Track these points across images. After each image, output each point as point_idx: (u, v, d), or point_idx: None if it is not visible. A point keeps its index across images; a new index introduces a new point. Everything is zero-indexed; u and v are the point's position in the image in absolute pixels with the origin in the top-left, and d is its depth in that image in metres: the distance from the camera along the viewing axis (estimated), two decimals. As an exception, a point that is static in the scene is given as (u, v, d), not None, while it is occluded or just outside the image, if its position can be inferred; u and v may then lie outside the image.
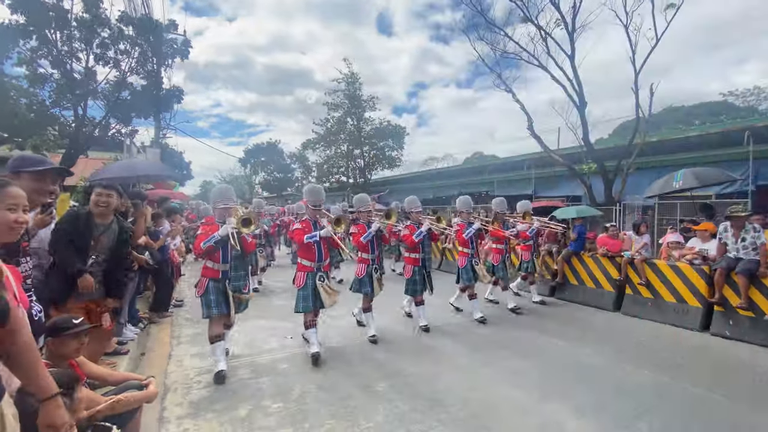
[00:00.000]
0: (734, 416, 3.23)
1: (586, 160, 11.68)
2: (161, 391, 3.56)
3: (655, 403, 3.41)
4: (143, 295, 6.11)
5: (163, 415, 3.21)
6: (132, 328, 4.81)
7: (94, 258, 3.26)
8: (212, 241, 3.67)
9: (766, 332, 4.90)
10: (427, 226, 5.22)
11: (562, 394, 3.55)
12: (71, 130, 12.81)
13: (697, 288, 5.64)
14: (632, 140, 10.46)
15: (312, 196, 4.50)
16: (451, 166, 26.02)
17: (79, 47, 12.23)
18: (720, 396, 3.56)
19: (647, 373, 4.03)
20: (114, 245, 3.35)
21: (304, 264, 4.33)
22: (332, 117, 25.26)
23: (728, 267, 5.26)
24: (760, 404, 3.43)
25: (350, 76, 24.09)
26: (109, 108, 13.07)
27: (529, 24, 11.23)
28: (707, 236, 5.98)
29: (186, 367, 4.15)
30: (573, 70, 10.82)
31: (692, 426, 3.06)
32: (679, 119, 21.72)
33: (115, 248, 3.37)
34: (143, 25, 12.89)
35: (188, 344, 4.85)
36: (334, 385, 3.75)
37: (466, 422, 3.08)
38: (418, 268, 5.37)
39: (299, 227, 4.36)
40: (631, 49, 10.15)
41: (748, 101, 24.47)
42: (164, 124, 16.28)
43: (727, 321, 5.28)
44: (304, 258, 4.35)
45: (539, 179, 15.07)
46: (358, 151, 25.28)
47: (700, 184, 7.44)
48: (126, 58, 12.87)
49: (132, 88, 13.58)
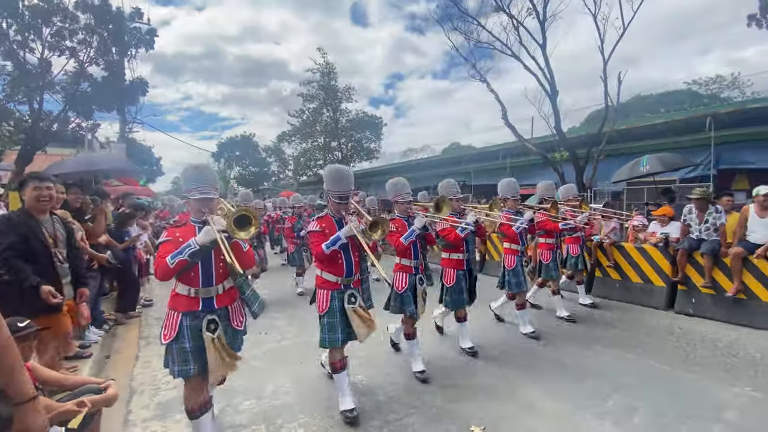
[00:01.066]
0: (698, 390, 3.36)
1: (558, 148, 11.92)
2: (126, 394, 3.44)
3: (623, 381, 3.51)
4: (108, 296, 5.86)
5: (128, 419, 3.09)
6: (95, 330, 4.60)
7: (60, 257, 3.09)
8: (186, 253, 2.27)
9: (727, 309, 5.14)
10: (473, 218, 4.00)
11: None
12: (27, 125, 12.10)
13: (661, 268, 5.85)
14: (602, 128, 10.73)
15: (335, 184, 3.07)
16: (430, 156, 26.13)
17: (32, 37, 11.49)
18: (683, 371, 3.71)
19: (616, 351, 4.16)
20: (67, 237, 3.18)
21: (327, 279, 3.08)
22: (308, 108, 24.90)
23: (690, 247, 5.46)
24: (721, 377, 3.59)
25: (325, 66, 23.73)
26: (67, 101, 12.39)
27: (502, 13, 11.31)
28: (666, 220, 6.21)
29: (154, 368, 4.00)
30: (545, 60, 10.96)
31: (660, 401, 3.17)
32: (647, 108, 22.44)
33: (69, 239, 3.21)
34: (102, 12, 12.22)
35: (157, 344, 4.63)
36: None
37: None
38: (462, 273, 4.12)
39: (316, 228, 3.04)
40: (600, 38, 10.35)
41: (711, 89, 25.50)
42: (129, 118, 15.64)
43: (690, 299, 5.50)
44: (326, 271, 3.09)
45: (514, 168, 15.32)
46: (335, 144, 25.05)
47: (665, 169, 7.75)
48: (84, 47, 12.19)
49: (92, 79, 12.90)
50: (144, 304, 6.24)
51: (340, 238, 2.94)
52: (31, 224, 2.98)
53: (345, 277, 3.07)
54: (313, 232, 3.06)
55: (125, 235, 5.55)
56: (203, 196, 2.43)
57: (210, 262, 2.45)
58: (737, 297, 5.02)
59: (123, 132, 15.36)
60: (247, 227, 2.33)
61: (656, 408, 3.07)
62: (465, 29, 12.30)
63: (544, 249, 5.29)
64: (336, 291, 3.07)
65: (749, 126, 9.57)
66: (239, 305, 2.61)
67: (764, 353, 4.08)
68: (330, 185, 3.10)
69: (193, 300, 2.42)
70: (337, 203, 3.09)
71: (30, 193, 3.02)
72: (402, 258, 3.73)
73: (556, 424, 2.89)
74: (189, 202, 2.53)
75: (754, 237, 5.06)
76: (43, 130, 12.24)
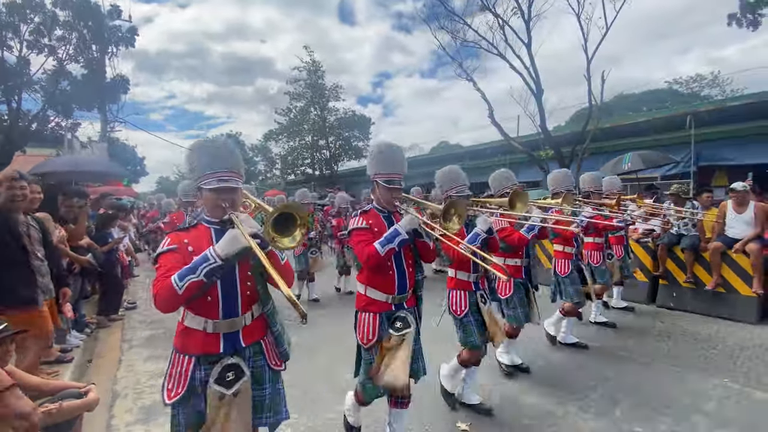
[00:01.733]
0: (678, 382, 3.44)
1: (543, 146, 12.09)
2: (109, 398, 3.37)
3: (606, 374, 3.58)
4: (90, 299, 5.74)
5: (111, 423, 3.03)
6: (77, 334, 4.51)
7: (38, 257, 3.01)
8: (202, 270, 1.50)
9: (707, 302, 5.28)
10: (538, 215, 3.30)
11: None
12: (6, 125, 11.76)
13: (643, 263, 5.98)
14: (586, 126, 10.91)
15: (386, 165, 2.32)
16: (419, 155, 26.20)
17: (9, 35, 11.17)
18: (664, 364, 3.80)
19: (597, 345, 4.24)
20: (42, 237, 3.11)
21: (374, 298, 2.31)
22: (295, 107, 24.71)
23: (670, 242, 5.60)
24: (701, 369, 3.69)
25: (312, 64, 23.58)
26: (46, 99, 12.08)
27: (488, 13, 11.41)
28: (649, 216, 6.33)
29: (138, 372, 3.93)
30: (530, 59, 11.11)
31: (641, 393, 3.24)
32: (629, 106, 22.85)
33: (44, 239, 3.14)
34: (81, 8, 11.93)
35: (141, 347, 4.60)
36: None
37: None
38: (521, 282, 3.42)
39: (361, 225, 2.30)
40: (584, 38, 10.55)
41: (691, 88, 26.09)
42: (111, 116, 15.29)
43: (671, 293, 5.63)
44: (371, 285, 2.32)
45: (500, 167, 15.39)
46: (323, 142, 24.93)
47: (646, 166, 7.92)
48: (63, 44, 11.91)
49: (72, 77, 12.60)
50: (127, 307, 6.13)
51: (399, 232, 2.18)
52: (7, 223, 2.93)
53: (398, 294, 2.30)
54: (358, 230, 2.29)
55: (107, 236, 5.44)
56: (223, 185, 1.65)
57: (233, 280, 1.67)
58: (716, 291, 5.16)
59: (104, 131, 15.02)
60: (290, 231, 1.57)
61: (637, 400, 3.14)
62: (451, 28, 12.44)
63: (593, 249, 4.52)
64: (384, 316, 2.29)
65: (728, 123, 9.83)
66: (272, 338, 1.81)
67: (742, 345, 4.20)
68: (378, 167, 2.33)
69: (210, 338, 1.64)
70: (389, 189, 2.30)
71: (5, 193, 2.94)
72: (458, 271, 2.89)
73: (539, 418, 2.93)
74: (201, 195, 1.75)
75: (732, 232, 5.21)
76: (21, 130, 11.92)
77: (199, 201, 1.90)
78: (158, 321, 5.35)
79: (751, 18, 11.63)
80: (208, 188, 1.66)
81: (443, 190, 3.02)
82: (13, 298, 2.85)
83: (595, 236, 4.50)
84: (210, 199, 1.69)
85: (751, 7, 11.41)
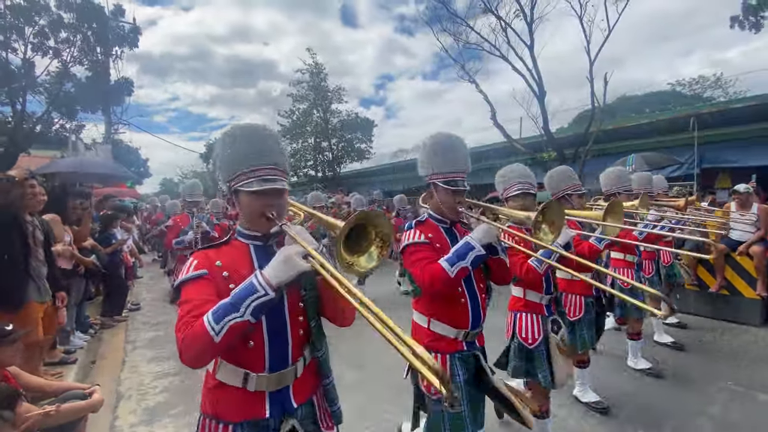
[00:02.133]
0: (683, 385, 3.43)
1: (546, 148, 12.07)
2: (113, 399, 3.38)
3: (610, 378, 3.56)
4: (93, 301, 5.77)
5: (114, 424, 3.05)
6: (81, 335, 4.53)
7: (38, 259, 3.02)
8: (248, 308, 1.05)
9: (711, 304, 5.25)
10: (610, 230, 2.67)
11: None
12: (10, 127, 11.84)
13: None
14: (588, 128, 10.90)
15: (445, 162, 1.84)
16: (419, 156, 26.14)
17: (14, 37, 11.26)
18: (669, 366, 3.77)
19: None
20: (45, 240, 3.11)
21: (440, 334, 1.81)
22: (297, 109, 24.76)
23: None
24: (706, 372, 3.66)
25: (314, 66, 23.63)
26: (50, 101, 12.16)
27: (490, 15, 11.42)
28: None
29: (142, 373, 3.94)
30: (532, 61, 11.09)
31: (646, 397, 3.23)
32: (632, 108, 22.77)
33: (46, 242, 3.14)
34: (85, 10, 12.01)
35: (145, 348, 4.62)
36: None
37: None
38: (591, 301, 2.88)
39: (419, 239, 1.80)
40: (586, 40, 10.52)
41: (694, 89, 26.00)
42: (115, 118, 15.38)
43: (675, 295, 5.60)
44: (435, 317, 1.82)
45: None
46: (326, 144, 24.93)
47: (649, 168, 7.90)
48: (67, 47, 11.98)
49: (76, 79, 12.68)
50: (131, 308, 6.15)
51: (473, 246, 1.66)
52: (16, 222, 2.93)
53: (471, 328, 1.80)
54: (415, 245, 1.78)
55: (111, 238, 5.47)
56: (268, 186, 1.22)
57: (282, 318, 1.25)
58: (720, 293, 5.13)
59: (108, 133, 15.11)
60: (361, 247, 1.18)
61: (642, 404, 3.12)
62: (454, 30, 12.40)
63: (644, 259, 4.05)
64: (454, 357, 1.77)
65: (732, 125, 9.79)
66: (322, 392, 1.38)
67: (746, 348, 4.18)
68: (435, 166, 1.82)
69: (252, 398, 1.22)
70: (451, 192, 1.79)
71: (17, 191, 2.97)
72: (528, 290, 2.37)
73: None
74: (235, 199, 1.29)
75: (735, 234, 5.18)
76: (26, 132, 12.00)
77: (234, 209, 1.37)
78: (162, 322, 5.38)
79: (754, 20, 11.59)
80: (248, 191, 1.22)
81: (555, 191, 2.73)
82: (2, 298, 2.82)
83: (626, 252, 3.59)
84: (250, 205, 1.24)
85: (754, 10, 11.38)
